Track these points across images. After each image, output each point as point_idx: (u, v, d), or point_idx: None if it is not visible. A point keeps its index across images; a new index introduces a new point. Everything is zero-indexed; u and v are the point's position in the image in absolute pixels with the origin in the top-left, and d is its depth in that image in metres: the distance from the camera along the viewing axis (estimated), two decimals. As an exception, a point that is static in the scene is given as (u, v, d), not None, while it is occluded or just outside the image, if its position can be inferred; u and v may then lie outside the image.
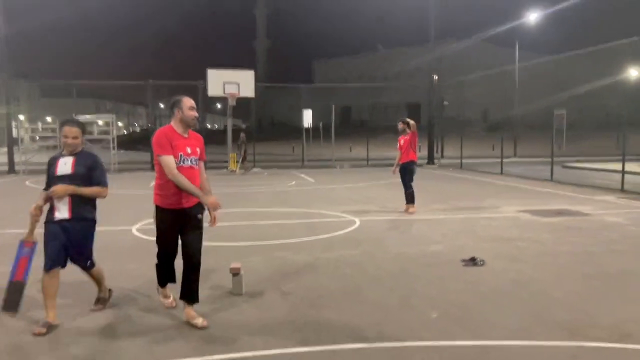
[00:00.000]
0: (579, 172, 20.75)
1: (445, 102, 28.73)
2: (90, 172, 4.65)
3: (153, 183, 4.85)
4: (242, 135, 22.69)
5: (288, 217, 10.21)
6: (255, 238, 8.16)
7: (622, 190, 13.79)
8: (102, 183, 4.76)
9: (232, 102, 23.03)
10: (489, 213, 10.69)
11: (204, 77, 23.03)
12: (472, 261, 6.50)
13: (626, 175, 14.14)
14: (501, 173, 19.91)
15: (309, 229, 8.89)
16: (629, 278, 5.92)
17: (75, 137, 4.59)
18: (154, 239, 4.80)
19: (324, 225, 9.30)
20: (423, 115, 75.75)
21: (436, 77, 26.37)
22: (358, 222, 9.44)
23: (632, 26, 33.77)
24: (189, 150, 4.53)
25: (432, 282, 5.79)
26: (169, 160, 4.38)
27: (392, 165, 11.40)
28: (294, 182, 17.84)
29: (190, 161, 4.55)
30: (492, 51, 77.74)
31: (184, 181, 4.36)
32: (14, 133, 23.47)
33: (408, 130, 10.77)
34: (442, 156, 28.28)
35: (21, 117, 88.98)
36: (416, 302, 5.06)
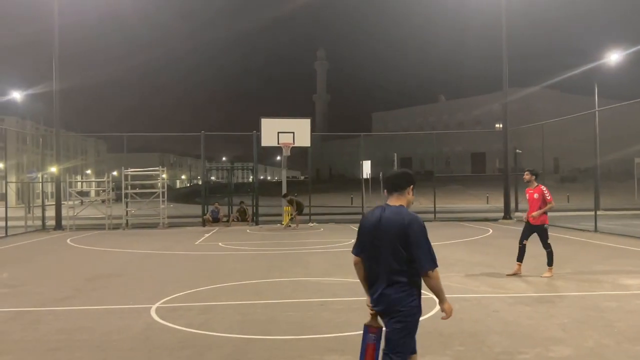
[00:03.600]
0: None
1: (519, 151, 26.03)
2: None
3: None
4: (288, 197, 20.99)
5: (344, 292, 8.11)
6: (300, 328, 6.09)
7: None
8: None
9: (286, 153, 21.51)
10: (610, 289, 8.16)
11: (258, 129, 21.77)
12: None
13: None
14: (595, 230, 17.01)
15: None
16: None
17: None
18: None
19: (394, 305, 7.11)
20: (488, 165, 72.87)
21: (499, 126, 24.11)
22: (438, 302, 7.19)
23: None
24: None
25: None
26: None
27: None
28: (352, 241, 15.68)
29: None
30: (558, 98, 74.26)
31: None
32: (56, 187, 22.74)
33: (535, 183, 9.39)
34: (517, 209, 25.47)
35: (89, 171, 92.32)
36: None
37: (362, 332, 3.60)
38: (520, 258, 9.48)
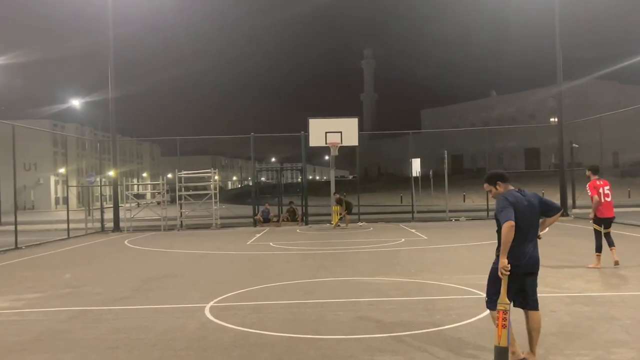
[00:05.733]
0: None
1: (575, 145, 25.11)
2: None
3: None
4: (337, 196, 20.96)
5: (394, 291, 8.04)
6: (350, 328, 6.08)
7: None
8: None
9: (334, 152, 21.53)
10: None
11: (306, 129, 21.91)
12: None
13: None
14: (660, 227, 16.20)
15: (425, 313, 6.66)
16: None
17: None
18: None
19: (445, 306, 7.01)
20: (543, 161, 70.56)
21: (554, 120, 23.21)
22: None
23: None
24: None
25: None
26: None
27: None
28: (402, 240, 15.58)
29: None
30: (616, 89, 71.09)
31: None
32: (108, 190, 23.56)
33: (592, 177, 9.55)
34: (574, 206, 24.58)
35: (144, 174, 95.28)
36: None
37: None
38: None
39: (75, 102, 46.67)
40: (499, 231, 4.54)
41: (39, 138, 49.35)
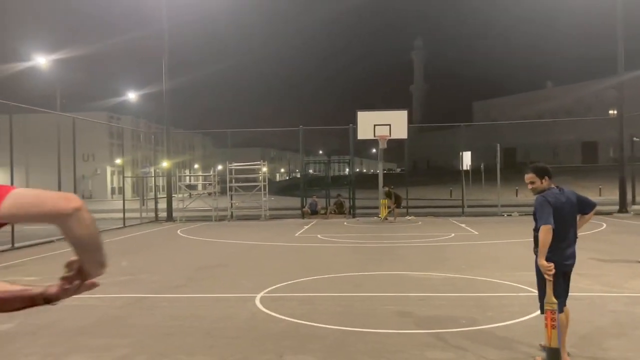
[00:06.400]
0: None
1: (636, 139, 24.03)
2: None
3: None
4: (386, 189, 20.79)
5: (444, 287, 7.94)
6: (399, 323, 6.06)
7: None
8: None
9: (382, 145, 21.35)
10: None
11: (354, 122, 21.83)
12: None
13: None
14: None
15: (476, 310, 6.55)
16: None
17: None
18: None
19: (497, 304, 6.88)
20: (601, 155, 67.83)
21: (613, 112, 22.16)
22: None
23: None
24: None
25: None
26: None
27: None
28: (452, 235, 15.34)
29: None
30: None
31: None
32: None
33: None
34: (634, 202, 23.55)
35: (196, 165, 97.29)
36: None
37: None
38: None
39: (131, 95, 48.15)
40: (536, 230, 4.51)
41: (96, 130, 51.21)
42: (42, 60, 35.11)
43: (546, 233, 4.36)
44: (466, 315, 6.27)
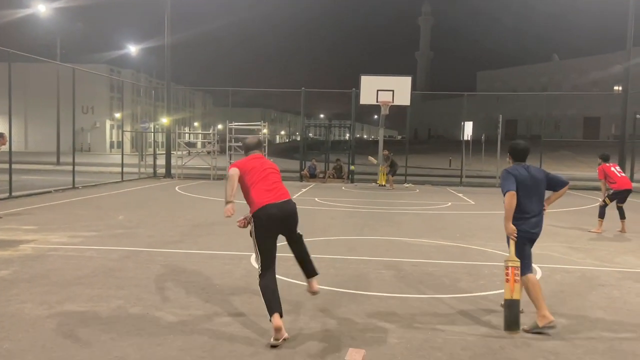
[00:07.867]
0: None
1: (639, 115, 23.84)
2: None
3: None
4: (385, 152, 20.75)
5: (437, 254, 8.01)
6: (391, 287, 6.13)
7: None
8: None
9: (384, 111, 21.23)
10: None
11: (357, 86, 21.62)
12: None
13: None
14: None
15: (469, 278, 6.62)
16: None
17: None
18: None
19: (490, 272, 6.95)
20: (602, 131, 67.64)
21: (618, 88, 21.99)
22: (539, 272, 6.93)
23: None
24: None
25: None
26: None
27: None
28: (449, 204, 15.41)
29: None
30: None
31: None
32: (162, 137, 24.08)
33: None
34: (633, 180, 23.56)
35: (196, 123, 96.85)
36: None
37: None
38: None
39: (132, 48, 47.46)
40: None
41: (96, 82, 50.69)
42: (42, 8, 34.46)
43: (510, 198, 4.78)
44: (458, 283, 6.35)
